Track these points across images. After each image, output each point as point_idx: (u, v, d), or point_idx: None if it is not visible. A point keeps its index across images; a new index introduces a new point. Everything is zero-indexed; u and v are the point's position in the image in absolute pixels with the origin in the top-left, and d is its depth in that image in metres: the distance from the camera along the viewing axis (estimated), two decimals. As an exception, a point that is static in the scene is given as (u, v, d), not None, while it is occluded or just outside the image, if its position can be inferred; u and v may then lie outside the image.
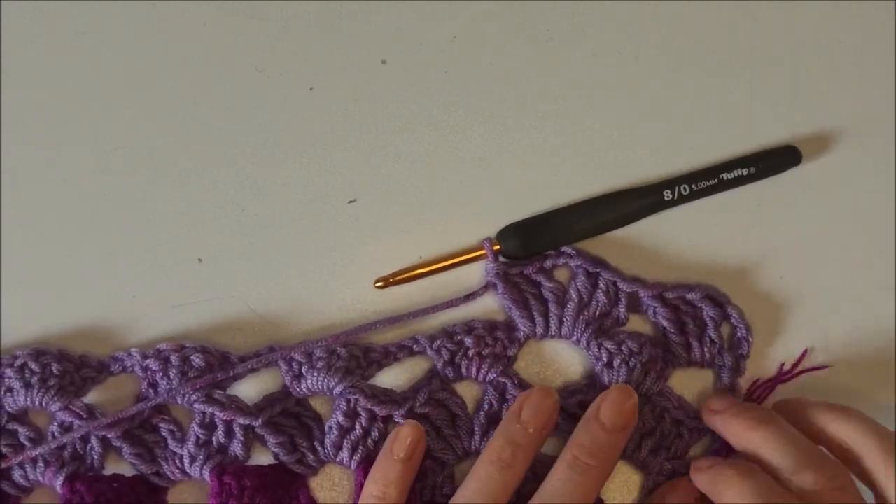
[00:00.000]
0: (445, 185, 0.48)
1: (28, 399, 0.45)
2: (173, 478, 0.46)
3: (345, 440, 0.45)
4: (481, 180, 0.48)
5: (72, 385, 0.45)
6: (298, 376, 0.46)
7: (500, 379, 0.46)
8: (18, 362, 0.45)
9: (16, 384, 0.45)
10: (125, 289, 0.47)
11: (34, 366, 0.45)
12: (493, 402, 0.46)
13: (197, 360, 0.46)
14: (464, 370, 0.46)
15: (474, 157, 0.48)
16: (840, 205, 0.49)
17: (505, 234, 0.47)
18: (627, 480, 0.46)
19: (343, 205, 0.48)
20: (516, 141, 0.48)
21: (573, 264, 0.47)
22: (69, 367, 0.46)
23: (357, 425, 0.45)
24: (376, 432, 0.45)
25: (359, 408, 0.45)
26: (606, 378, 0.46)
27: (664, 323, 0.46)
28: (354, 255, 0.48)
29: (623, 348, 0.46)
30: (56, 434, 0.45)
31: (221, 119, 0.48)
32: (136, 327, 0.47)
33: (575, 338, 0.46)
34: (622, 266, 0.48)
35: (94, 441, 0.45)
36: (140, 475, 0.46)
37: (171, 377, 0.45)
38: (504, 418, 0.44)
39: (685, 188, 0.47)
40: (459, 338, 0.46)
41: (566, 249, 0.47)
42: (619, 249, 0.48)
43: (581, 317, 0.46)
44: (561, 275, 0.47)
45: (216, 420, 0.45)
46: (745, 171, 0.47)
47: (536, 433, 0.43)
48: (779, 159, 0.48)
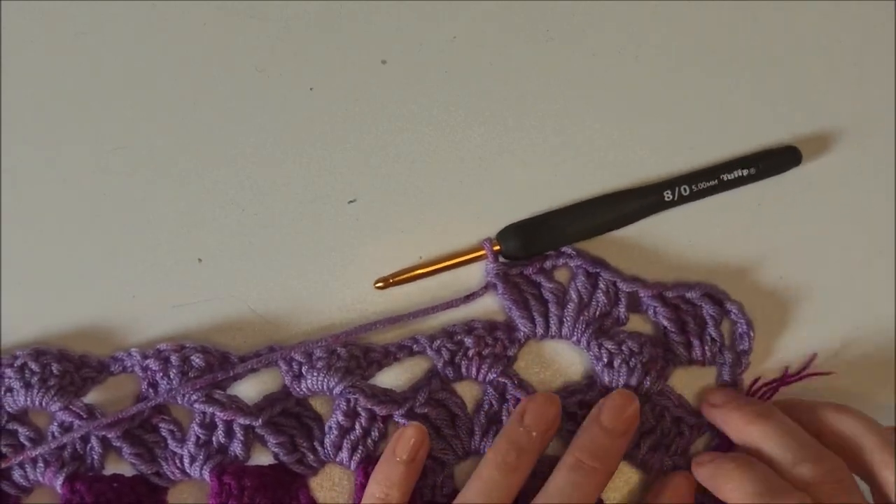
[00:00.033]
0: (445, 185, 0.48)
1: (28, 399, 0.45)
2: (173, 478, 0.46)
3: (345, 440, 0.45)
4: (481, 180, 0.48)
5: (72, 385, 0.45)
6: (298, 376, 0.46)
7: (500, 379, 0.46)
8: (18, 362, 0.45)
9: (16, 384, 0.45)
10: (125, 289, 0.47)
11: (34, 366, 0.45)
12: (493, 403, 0.46)
13: (197, 360, 0.46)
14: (464, 370, 0.46)
15: (474, 157, 0.48)
16: (840, 205, 0.49)
17: (505, 235, 0.47)
18: (628, 480, 0.46)
19: (343, 205, 0.48)
20: (516, 141, 0.48)
21: (573, 264, 0.47)
22: (69, 367, 0.46)
23: (357, 425, 0.45)
24: (376, 432, 0.45)
25: (359, 407, 0.45)
26: (607, 378, 0.46)
27: (664, 322, 0.46)
28: (354, 255, 0.48)
29: (623, 348, 0.46)
30: (56, 434, 0.45)
31: (221, 119, 0.48)
32: (136, 327, 0.47)
33: (575, 338, 0.46)
34: (622, 266, 0.48)
35: (94, 441, 0.45)
36: (140, 475, 0.46)
37: (171, 377, 0.45)
38: (507, 422, 0.44)
39: (685, 188, 0.47)
40: (459, 338, 0.46)
41: (566, 250, 0.47)
42: (619, 249, 0.48)
43: (581, 317, 0.46)
44: (561, 275, 0.47)
45: (216, 420, 0.45)
46: (746, 172, 0.47)
47: (540, 437, 0.43)
48: (779, 159, 0.48)
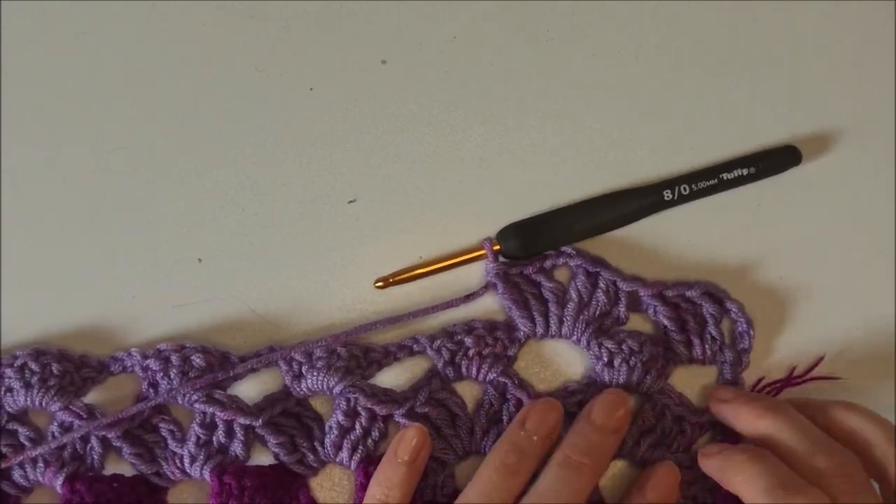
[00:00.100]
0: (445, 185, 0.48)
1: (28, 399, 0.45)
2: (173, 478, 0.46)
3: (345, 440, 0.45)
4: (481, 180, 0.48)
5: (72, 385, 0.45)
6: (298, 376, 0.46)
7: (500, 379, 0.46)
8: (18, 362, 0.45)
9: (16, 384, 0.45)
10: (125, 289, 0.47)
11: (34, 366, 0.45)
12: (493, 402, 0.46)
13: (197, 360, 0.46)
14: (464, 370, 0.46)
15: (474, 157, 0.48)
16: (840, 205, 0.49)
17: (505, 234, 0.47)
18: (630, 480, 0.46)
19: (343, 205, 0.48)
20: (516, 141, 0.48)
21: (573, 264, 0.47)
22: (69, 367, 0.46)
23: (357, 425, 0.45)
24: (376, 432, 0.45)
25: (359, 407, 0.45)
26: (607, 377, 0.46)
27: (664, 321, 0.46)
28: (354, 255, 0.48)
29: (623, 347, 0.46)
30: (56, 434, 0.45)
31: (221, 119, 0.48)
32: (136, 327, 0.47)
33: (575, 337, 0.46)
34: (622, 266, 0.48)
35: (94, 441, 0.45)
36: (140, 475, 0.46)
37: (172, 377, 0.45)
38: (509, 426, 0.44)
39: (685, 188, 0.47)
40: (459, 338, 0.46)
41: (566, 249, 0.47)
42: (619, 249, 0.48)
43: (581, 316, 0.46)
44: (561, 275, 0.47)
45: (216, 420, 0.45)
46: (745, 171, 0.47)
47: (541, 442, 0.43)
48: (779, 159, 0.48)
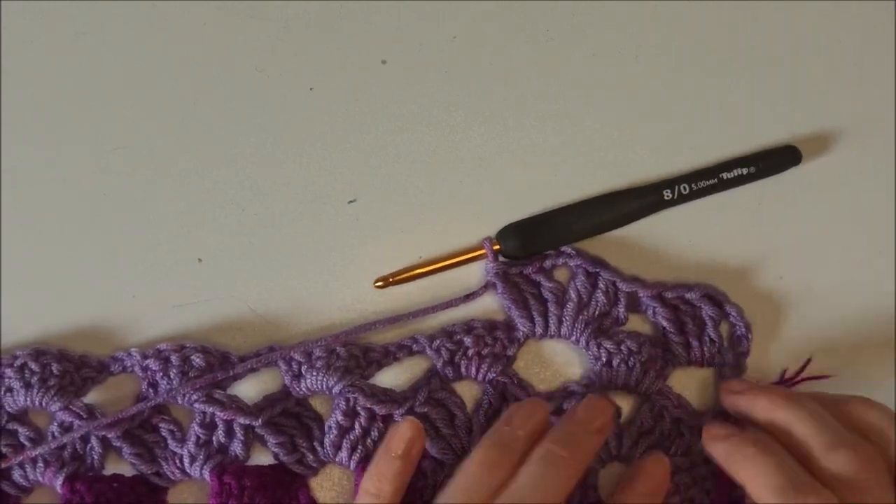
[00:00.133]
0: (445, 185, 0.48)
1: (28, 399, 0.45)
2: (173, 478, 0.46)
3: (344, 440, 0.45)
4: (481, 180, 0.48)
5: (72, 385, 0.45)
6: (298, 376, 0.46)
7: (500, 378, 0.46)
8: (18, 362, 0.45)
9: (16, 384, 0.45)
10: (125, 289, 0.47)
11: (34, 366, 0.45)
12: (493, 402, 0.46)
13: (197, 360, 0.46)
14: (463, 370, 0.46)
15: (474, 157, 0.48)
16: (840, 205, 0.49)
17: (505, 234, 0.47)
18: (627, 480, 0.46)
19: (343, 205, 0.48)
20: (516, 141, 0.48)
21: (573, 264, 0.47)
22: (69, 367, 0.46)
23: (356, 425, 0.45)
24: (376, 432, 0.45)
25: (358, 407, 0.45)
26: (606, 377, 0.46)
27: (663, 322, 0.46)
28: (354, 255, 0.48)
29: (622, 348, 0.46)
30: (56, 434, 0.45)
31: (221, 119, 0.48)
32: (136, 327, 0.47)
33: (574, 337, 0.46)
34: (622, 266, 0.48)
35: (94, 441, 0.45)
36: (140, 475, 0.46)
37: (172, 377, 0.45)
38: (495, 423, 0.43)
39: (685, 188, 0.47)
40: (459, 337, 0.46)
41: (566, 249, 0.47)
42: (619, 249, 0.48)
43: (580, 316, 0.46)
44: (561, 275, 0.47)
45: (216, 420, 0.45)
46: (745, 171, 0.47)
47: (526, 437, 0.42)
48: (779, 159, 0.48)
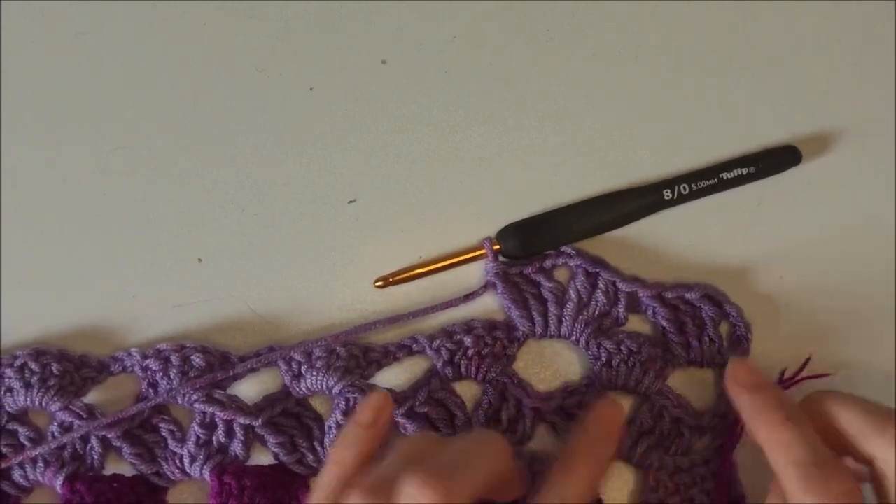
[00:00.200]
0: (445, 185, 0.48)
1: (28, 399, 0.45)
2: (173, 478, 0.46)
3: (344, 440, 0.45)
4: (481, 180, 0.48)
5: (72, 385, 0.45)
6: (298, 376, 0.46)
7: (500, 378, 0.46)
8: (18, 362, 0.45)
9: (16, 384, 0.45)
10: (125, 289, 0.47)
11: (34, 366, 0.45)
12: (493, 402, 0.46)
13: (197, 360, 0.46)
14: (463, 370, 0.46)
15: (474, 157, 0.48)
16: (840, 205, 0.49)
17: (505, 234, 0.47)
18: (628, 480, 0.46)
19: (343, 205, 0.48)
20: (516, 141, 0.48)
21: (573, 264, 0.47)
22: (69, 367, 0.46)
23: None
24: (376, 432, 0.45)
25: (358, 407, 0.45)
26: (606, 377, 0.46)
27: (663, 323, 0.46)
28: (354, 255, 0.48)
29: (622, 348, 0.46)
30: (56, 434, 0.45)
31: (221, 119, 0.48)
32: (136, 327, 0.47)
33: (574, 337, 0.46)
34: (622, 266, 0.48)
35: (94, 441, 0.45)
36: (140, 475, 0.46)
37: (171, 377, 0.45)
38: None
39: (685, 188, 0.47)
40: (459, 337, 0.46)
41: (566, 249, 0.47)
42: (619, 249, 0.48)
43: (580, 316, 0.46)
44: (560, 275, 0.47)
45: (216, 420, 0.45)
46: (745, 171, 0.47)
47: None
48: (779, 159, 0.48)
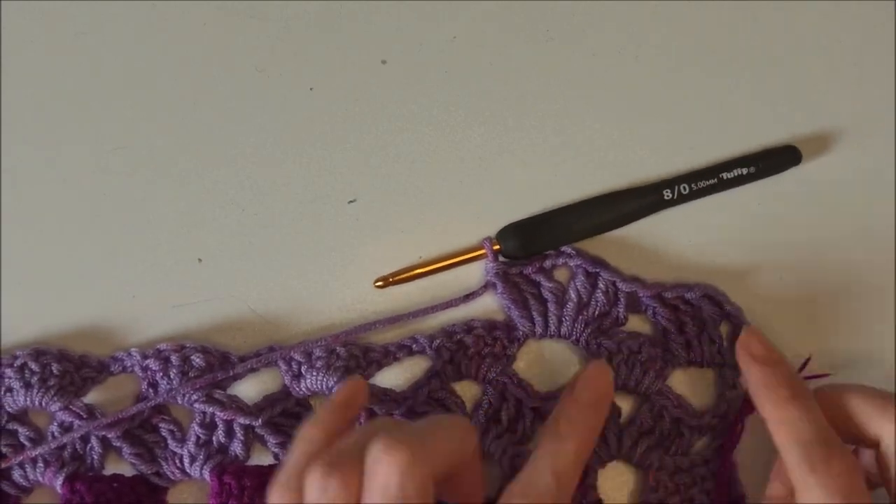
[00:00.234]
0: (445, 185, 0.48)
1: (28, 399, 0.45)
2: (173, 478, 0.46)
3: (344, 440, 0.45)
4: (481, 180, 0.48)
5: (72, 385, 0.45)
6: (298, 376, 0.46)
7: (500, 378, 0.46)
8: (18, 362, 0.45)
9: (16, 384, 0.45)
10: (125, 289, 0.47)
11: (34, 366, 0.45)
12: (493, 402, 0.46)
13: (197, 360, 0.46)
14: (463, 370, 0.46)
15: (474, 157, 0.48)
16: (840, 205, 0.49)
17: (505, 234, 0.47)
18: (628, 480, 0.46)
19: (343, 205, 0.48)
20: (516, 141, 0.48)
21: (573, 264, 0.47)
22: (69, 367, 0.46)
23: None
24: (376, 432, 0.45)
25: (358, 407, 0.45)
26: (606, 378, 0.46)
27: (663, 323, 0.46)
28: (354, 255, 0.48)
29: (622, 348, 0.46)
30: (56, 434, 0.45)
31: (221, 119, 0.48)
32: (136, 327, 0.47)
33: (574, 337, 0.46)
34: (622, 266, 0.47)
35: (94, 441, 0.45)
36: (140, 475, 0.46)
37: (171, 377, 0.45)
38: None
39: (685, 188, 0.47)
40: (459, 337, 0.46)
41: (566, 249, 0.47)
42: (619, 249, 0.48)
43: (580, 316, 0.46)
44: (560, 275, 0.47)
45: (216, 420, 0.45)
46: (745, 171, 0.47)
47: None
48: (779, 159, 0.48)
